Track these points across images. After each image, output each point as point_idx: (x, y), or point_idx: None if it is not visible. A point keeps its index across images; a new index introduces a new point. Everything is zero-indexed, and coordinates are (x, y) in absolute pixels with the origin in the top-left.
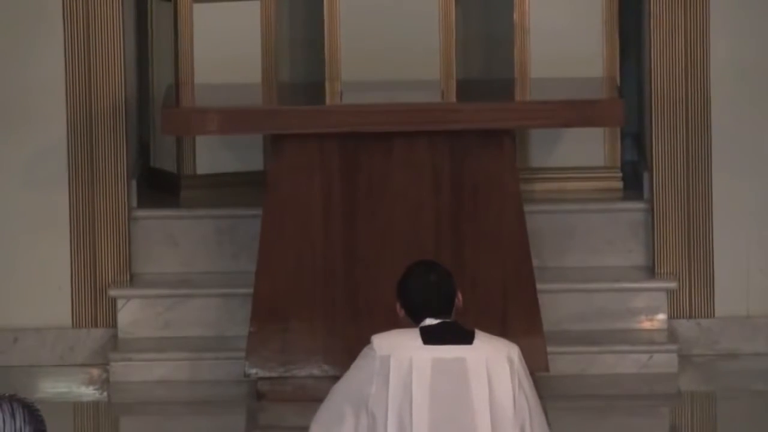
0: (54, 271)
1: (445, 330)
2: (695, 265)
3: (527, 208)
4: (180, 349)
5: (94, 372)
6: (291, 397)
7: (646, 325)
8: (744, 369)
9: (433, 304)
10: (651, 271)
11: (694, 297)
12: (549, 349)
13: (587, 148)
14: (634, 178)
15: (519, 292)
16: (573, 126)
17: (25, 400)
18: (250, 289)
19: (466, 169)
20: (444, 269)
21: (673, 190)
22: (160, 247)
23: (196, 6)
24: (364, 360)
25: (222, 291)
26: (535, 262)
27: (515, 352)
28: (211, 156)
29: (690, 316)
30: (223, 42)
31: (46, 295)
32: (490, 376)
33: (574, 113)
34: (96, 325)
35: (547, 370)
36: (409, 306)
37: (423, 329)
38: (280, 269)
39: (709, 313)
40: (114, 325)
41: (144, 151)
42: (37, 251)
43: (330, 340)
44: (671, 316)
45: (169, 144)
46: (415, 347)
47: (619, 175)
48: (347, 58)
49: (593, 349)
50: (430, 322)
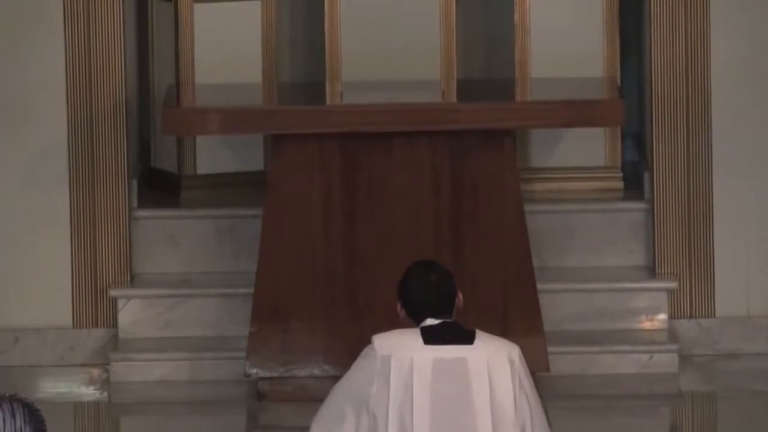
0: (54, 271)
1: (446, 330)
2: (696, 265)
3: (527, 208)
4: (180, 349)
5: (95, 372)
6: (291, 397)
7: (647, 325)
8: (744, 369)
9: (433, 304)
10: (651, 271)
11: (694, 297)
12: (549, 349)
13: (588, 148)
14: (634, 178)
15: (519, 292)
16: (573, 126)
17: (25, 400)
18: (251, 289)
19: (467, 169)
20: (444, 269)
21: (674, 190)
22: (160, 247)
23: (197, 6)
24: (365, 360)
25: (222, 291)
26: (535, 262)
27: (516, 352)
28: (212, 156)
29: (690, 316)
30: (223, 42)
31: (47, 295)
32: (491, 376)
33: (574, 113)
34: (96, 325)
35: (547, 370)
36: (409, 306)
37: (424, 329)
38: (280, 269)
39: (709, 313)
40: (114, 325)
41: (144, 151)
42: (38, 251)
43: (330, 340)
44: (672, 316)
45: (170, 144)
46: (416, 347)
47: (620, 175)
48: (348, 58)
49: (594, 349)
50: (430, 322)
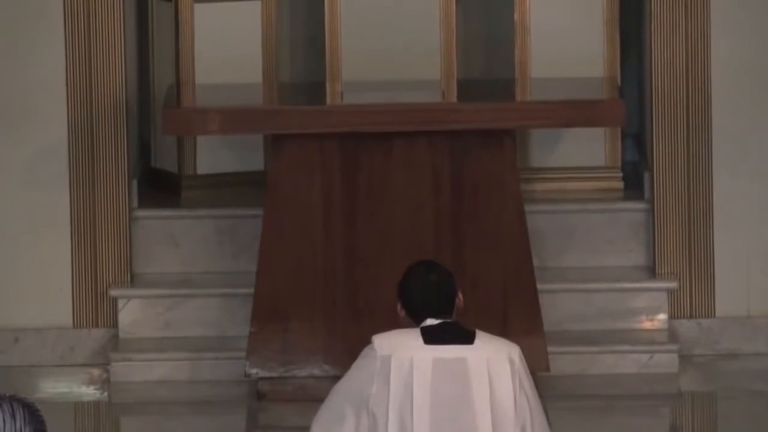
0: (55, 271)
1: (446, 330)
2: (696, 265)
3: (527, 208)
4: (180, 349)
5: (95, 372)
6: (291, 397)
7: (647, 325)
8: (744, 369)
9: (433, 304)
10: (651, 271)
11: (694, 297)
12: (549, 349)
13: (588, 148)
14: (634, 178)
15: (519, 292)
16: (574, 126)
17: (25, 400)
18: (251, 289)
19: (467, 169)
20: (444, 269)
21: (674, 190)
22: (160, 247)
23: (197, 6)
24: (365, 360)
25: (222, 291)
26: (535, 262)
27: (516, 352)
28: (212, 156)
29: (690, 316)
30: (223, 42)
31: (47, 295)
32: (491, 376)
33: (574, 113)
34: (97, 325)
35: (547, 370)
36: (409, 306)
37: (424, 329)
38: (280, 269)
39: (709, 313)
40: (115, 325)
41: (145, 151)
42: (38, 251)
43: (330, 340)
44: (672, 316)
45: (170, 144)
46: (416, 347)
47: (620, 175)
48: (348, 58)
49: (594, 349)
50: (430, 322)
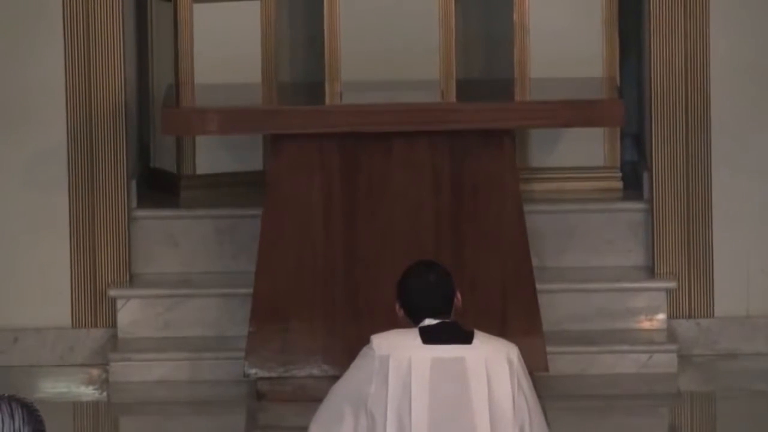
0: (54, 271)
1: (445, 330)
2: (695, 265)
3: (527, 208)
4: (180, 349)
5: (94, 372)
6: (291, 397)
7: (646, 325)
8: (744, 369)
9: (432, 304)
10: (650, 271)
11: (693, 297)
12: (548, 349)
13: (587, 148)
14: (633, 178)
15: (518, 292)
16: (573, 126)
17: (24, 400)
18: (250, 289)
19: (466, 169)
20: (443, 269)
21: (673, 190)
22: (159, 248)
23: (196, 6)
24: (363, 360)
25: (222, 291)
26: (534, 262)
27: (514, 352)
28: (211, 156)
29: (689, 316)
30: (223, 42)
31: (46, 296)
32: (489, 376)
33: (574, 113)
34: (96, 326)
35: (546, 370)
36: (408, 306)
37: (422, 329)
38: (279, 269)
39: (708, 313)
40: (114, 325)
41: (144, 151)
42: (37, 251)
43: (330, 340)
44: (671, 316)
45: (169, 144)
46: (414, 347)
47: (619, 175)
48: (347, 58)
49: (593, 349)
50: (429, 322)
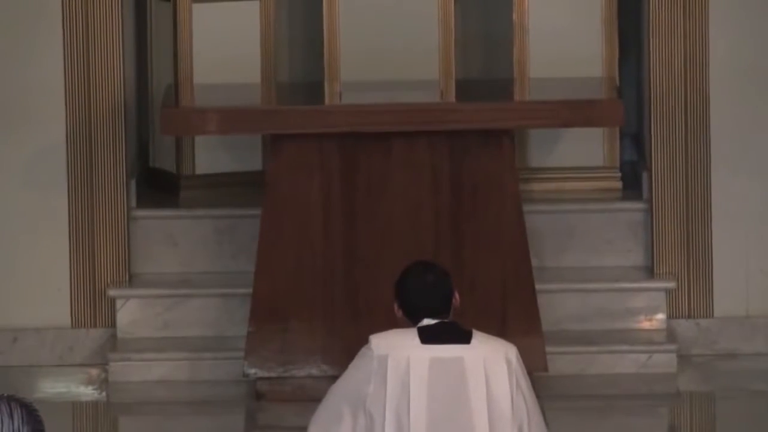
0: (53, 271)
1: (443, 330)
2: (694, 265)
3: (526, 208)
4: (179, 349)
5: (93, 372)
6: (290, 397)
7: (645, 325)
8: (743, 369)
9: (430, 304)
10: (650, 271)
11: (693, 297)
12: (548, 349)
13: (586, 148)
14: (633, 178)
15: (518, 292)
16: (572, 126)
17: (23, 399)
18: (250, 289)
19: (466, 169)
20: (441, 269)
21: (672, 190)
22: (159, 247)
23: (196, 6)
24: (362, 360)
25: (221, 291)
26: (534, 262)
27: (513, 352)
28: (211, 156)
29: (689, 316)
30: (222, 42)
31: (46, 295)
32: (487, 376)
33: (573, 113)
34: (95, 325)
35: (546, 370)
36: (406, 306)
37: (421, 329)
38: (279, 269)
39: (708, 313)
40: (113, 325)
41: (143, 151)
42: (37, 251)
43: (329, 340)
44: (670, 316)
45: (169, 144)
46: (412, 347)
47: (618, 175)
48: (346, 58)
49: (592, 349)
50: (427, 322)
